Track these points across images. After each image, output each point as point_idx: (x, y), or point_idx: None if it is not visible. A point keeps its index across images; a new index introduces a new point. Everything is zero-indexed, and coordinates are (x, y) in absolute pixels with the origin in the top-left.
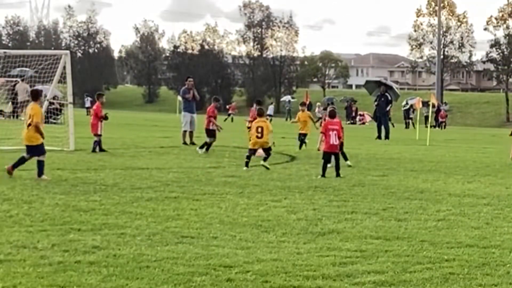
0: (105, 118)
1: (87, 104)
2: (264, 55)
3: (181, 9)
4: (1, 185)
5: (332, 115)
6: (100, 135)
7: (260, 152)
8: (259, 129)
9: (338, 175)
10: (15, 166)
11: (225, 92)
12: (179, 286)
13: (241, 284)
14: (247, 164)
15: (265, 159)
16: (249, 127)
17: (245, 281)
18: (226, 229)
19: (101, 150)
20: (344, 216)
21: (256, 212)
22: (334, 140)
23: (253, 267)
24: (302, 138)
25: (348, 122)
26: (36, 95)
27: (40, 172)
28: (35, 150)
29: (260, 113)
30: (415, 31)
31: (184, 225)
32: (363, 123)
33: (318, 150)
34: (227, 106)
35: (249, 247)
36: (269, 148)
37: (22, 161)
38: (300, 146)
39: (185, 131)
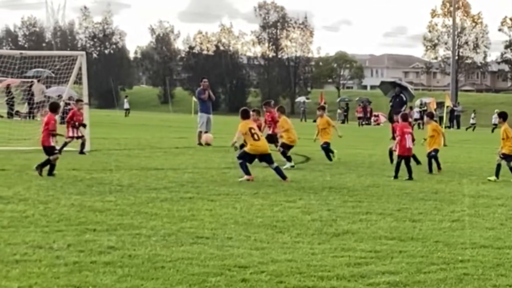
0: (83, 125)
1: (126, 106)
2: (279, 56)
3: (198, 10)
4: (17, 185)
5: (405, 118)
6: (72, 138)
7: None
8: None
9: (410, 178)
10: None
11: (240, 93)
12: (194, 286)
13: (256, 285)
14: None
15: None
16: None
17: (259, 282)
18: (241, 229)
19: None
20: (359, 217)
21: (271, 213)
22: (410, 143)
23: (268, 267)
24: (324, 146)
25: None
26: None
27: (284, 176)
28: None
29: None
30: (429, 31)
31: (199, 225)
32: (378, 124)
33: (394, 150)
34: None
35: (263, 248)
36: None
37: (279, 170)
38: (329, 157)
39: (200, 132)
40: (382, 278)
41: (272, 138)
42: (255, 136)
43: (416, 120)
